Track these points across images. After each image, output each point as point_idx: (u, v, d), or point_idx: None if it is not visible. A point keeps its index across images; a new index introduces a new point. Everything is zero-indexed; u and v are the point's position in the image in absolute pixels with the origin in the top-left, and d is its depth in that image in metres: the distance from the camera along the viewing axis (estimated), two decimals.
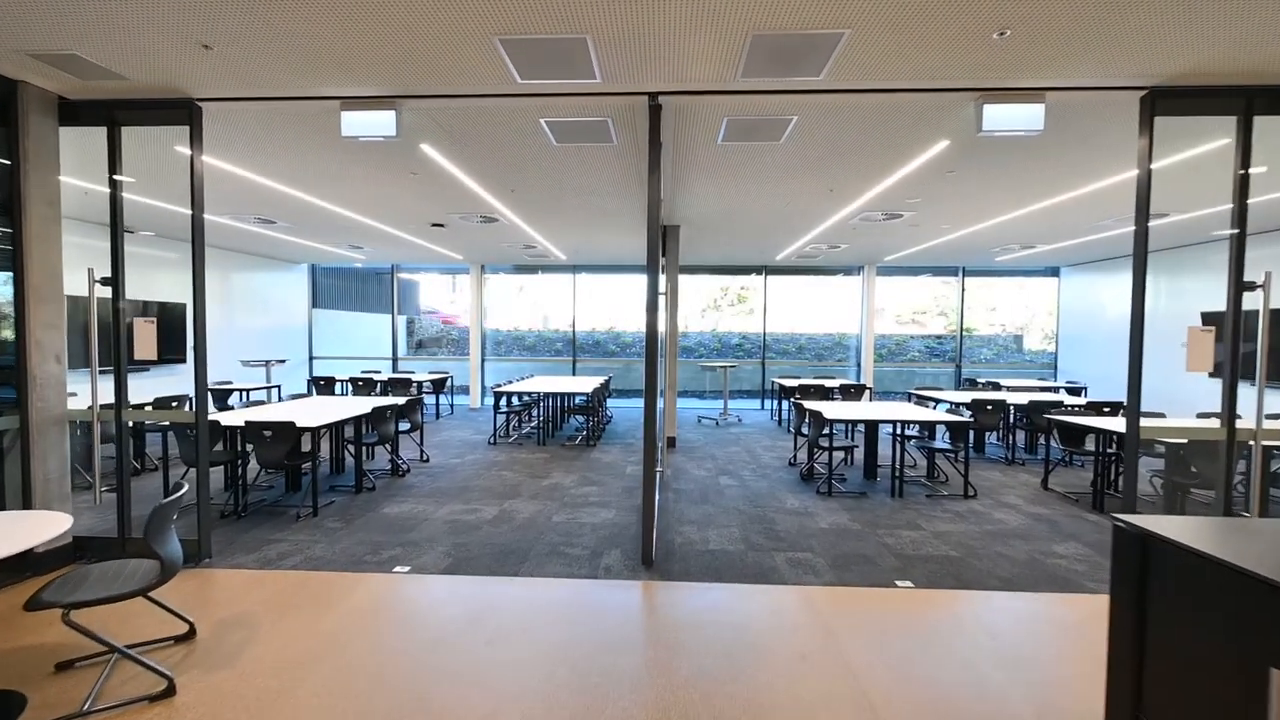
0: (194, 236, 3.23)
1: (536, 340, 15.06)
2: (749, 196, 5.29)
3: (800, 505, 4.55)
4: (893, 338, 14.41)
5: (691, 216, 6.23)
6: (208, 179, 4.73)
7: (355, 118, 3.22)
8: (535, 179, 4.75)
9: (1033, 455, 6.49)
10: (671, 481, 5.25)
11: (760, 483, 5.23)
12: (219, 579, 3.13)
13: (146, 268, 7.51)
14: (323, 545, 3.62)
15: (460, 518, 4.17)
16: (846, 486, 5.07)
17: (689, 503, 4.60)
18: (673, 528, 4.01)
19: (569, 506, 4.46)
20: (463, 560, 3.41)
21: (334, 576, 3.17)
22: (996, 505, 4.58)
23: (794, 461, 6.03)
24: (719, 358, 14.04)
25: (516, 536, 3.80)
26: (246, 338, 9.25)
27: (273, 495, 4.67)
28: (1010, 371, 11.54)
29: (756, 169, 4.45)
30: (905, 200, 5.32)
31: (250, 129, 3.68)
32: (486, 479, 5.25)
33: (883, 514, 4.34)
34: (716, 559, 3.46)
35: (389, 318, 11.17)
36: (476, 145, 3.93)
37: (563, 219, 6.33)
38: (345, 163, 4.34)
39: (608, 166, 4.39)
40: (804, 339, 14.58)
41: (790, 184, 4.84)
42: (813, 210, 5.80)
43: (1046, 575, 3.28)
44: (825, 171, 4.47)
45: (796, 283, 18.00)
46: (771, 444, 7.11)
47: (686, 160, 4.27)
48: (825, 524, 4.10)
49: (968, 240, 7.32)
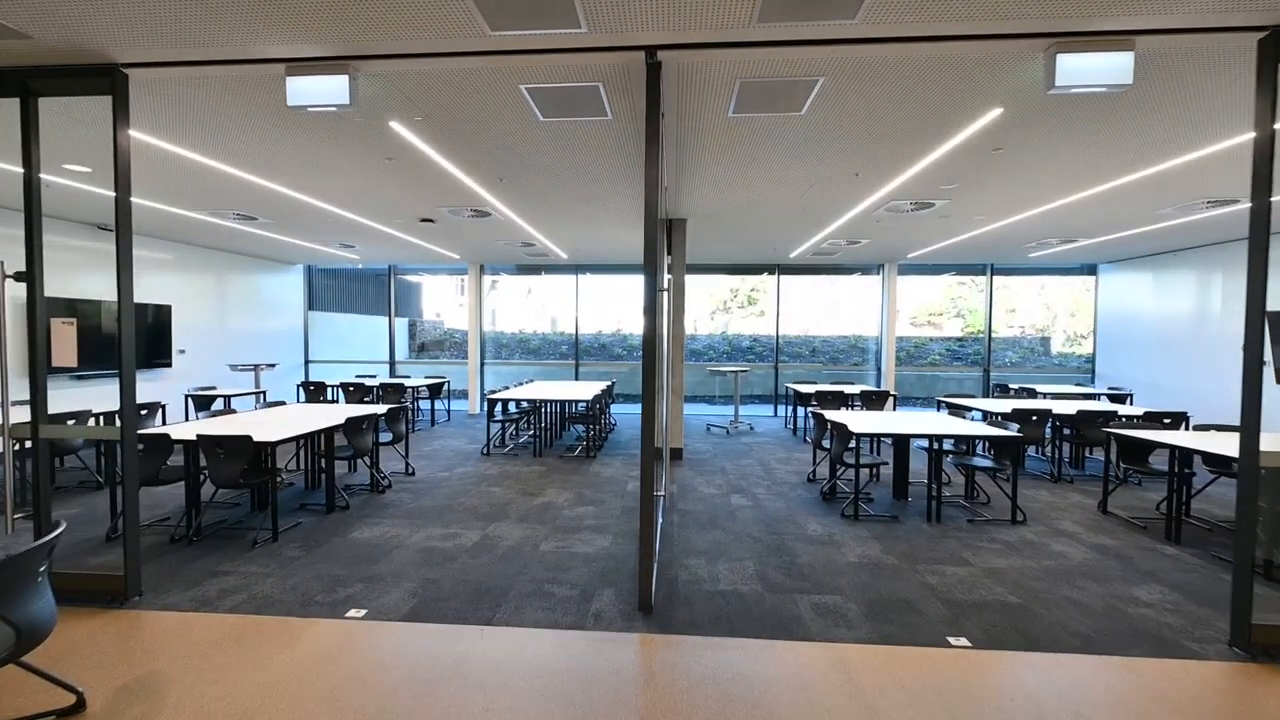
0: (117, 223, 2.78)
1: (541, 343, 14.62)
2: (764, 183, 4.76)
3: (823, 531, 3.99)
4: (911, 340, 13.78)
5: (699, 209, 5.71)
6: (171, 169, 4.31)
7: (302, 84, 2.75)
8: (524, 165, 4.26)
9: (1080, 471, 5.86)
10: (677, 501, 4.72)
11: (776, 503, 4.68)
12: (141, 624, 2.66)
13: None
14: (273, 580, 3.14)
15: (436, 545, 3.67)
16: (875, 509, 4.50)
17: (696, 527, 4.07)
18: (677, 560, 3.47)
19: (560, 532, 3.94)
20: (430, 601, 2.91)
21: (275, 622, 2.69)
22: (1052, 533, 3.99)
23: (813, 478, 5.47)
24: (729, 361, 13.48)
25: (496, 570, 3.30)
26: (239, 340, 8.88)
27: (237, 515, 4.22)
28: (1042, 377, 10.85)
29: (774, 148, 3.92)
30: (939, 186, 4.75)
31: (195, 105, 3.22)
32: (473, 496, 4.76)
33: (920, 543, 3.77)
34: (728, 603, 2.92)
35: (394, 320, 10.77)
36: (451, 122, 3.45)
37: (559, 213, 5.83)
38: (311, 146, 3.87)
39: (604, 148, 3.89)
40: (818, 341, 13.98)
41: (811, 167, 4.30)
42: (835, 199, 5.25)
43: (1132, 630, 2.70)
44: (852, 150, 3.92)
45: (811, 283, 17.40)
46: (787, 456, 6.54)
47: (693, 139, 3.75)
48: (854, 556, 3.54)
49: (1003, 234, 6.71)
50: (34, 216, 2.81)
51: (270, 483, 3.77)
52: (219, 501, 4.43)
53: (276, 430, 3.96)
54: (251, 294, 9.20)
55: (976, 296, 17.54)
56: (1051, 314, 16.50)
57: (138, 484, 2.88)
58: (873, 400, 7.06)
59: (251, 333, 9.19)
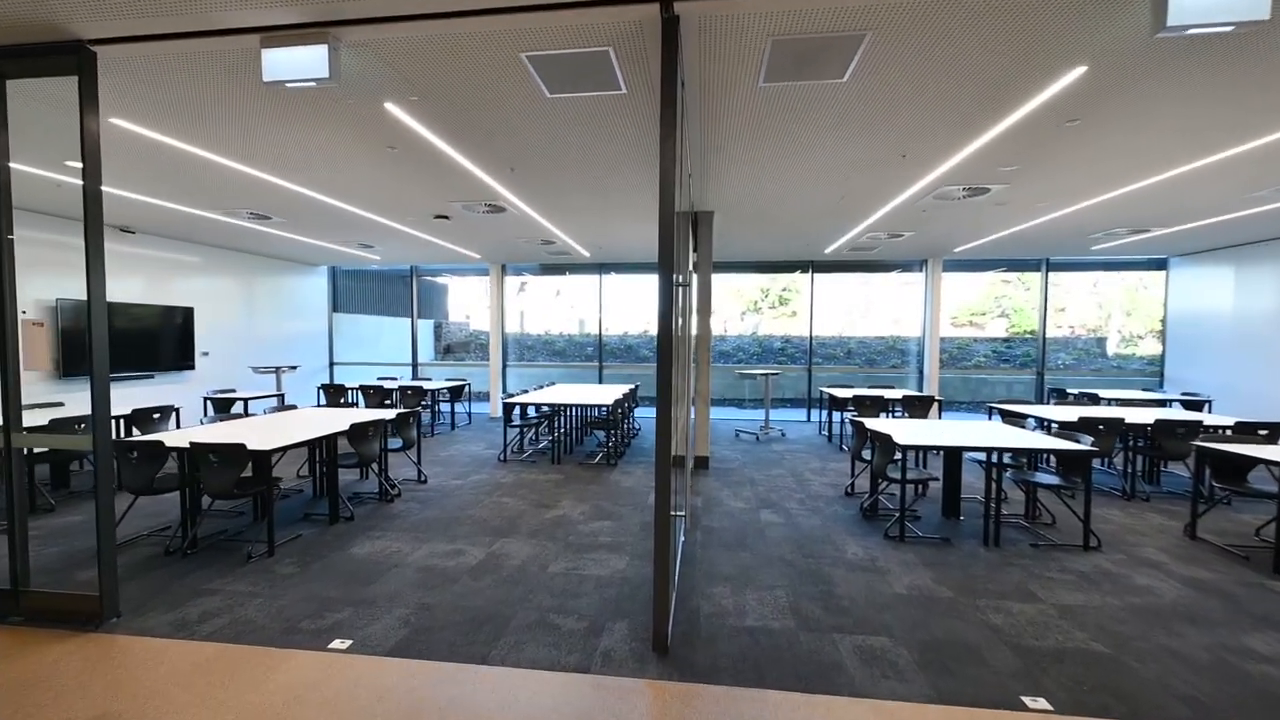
0: (86, 215, 2.57)
1: (566, 345, 14.39)
2: (799, 169, 4.34)
3: (865, 555, 3.55)
4: (954, 341, 13.04)
5: (726, 200, 5.31)
6: (178, 166, 4.16)
7: (278, 57, 2.49)
8: (535, 152, 3.95)
9: (1155, 487, 5.23)
10: (701, 516, 4.33)
11: (811, 520, 4.24)
12: (111, 652, 2.44)
13: (156, 270, 7.15)
14: (260, 601, 2.90)
15: (438, 563, 3.39)
16: (923, 528, 4.02)
17: (722, 548, 3.68)
18: (699, 588, 3.10)
19: (573, 550, 3.61)
20: (421, 632, 2.61)
21: (251, 654, 2.43)
22: (1133, 563, 3.45)
23: (851, 491, 5.00)
24: (759, 363, 12.99)
25: (499, 595, 2.98)
26: (263, 343, 8.88)
27: (239, 524, 4.03)
28: (1101, 381, 10.02)
29: (811, 125, 3.51)
30: (998, 169, 4.24)
31: (191, 96, 3.01)
32: (484, 508, 4.48)
33: (978, 572, 3.30)
34: (756, 643, 2.54)
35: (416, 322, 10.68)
36: (450, 102, 3.16)
37: (576, 207, 5.52)
38: (312, 138, 3.65)
39: (620, 130, 3.55)
40: (854, 343, 13.37)
41: (853, 147, 3.87)
42: (878, 186, 4.78)
43: (1255, 694, 2.20)
44: (900, 126, 3.48)
45: (846, 280, 16.75)
46: (821, 466, 6.07)
47: (718, 117, 3.37)
48: (902, 587, 3.10)
49: (1066, 224, 6.09)
50: (2, 210, 2.63)
51: (266, 493, 3.55)
52: (221, 510, 4.26)
53: (275, 438, 3.75)
54: (276, 296, 9.20)
55: (1022, 294, 16.60)
56: (1105, 313, 15.46)
57: (112, 498, 2.67)
58: (916, 406, 6.52)
59: (276, 335, 9.19)
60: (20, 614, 2.69)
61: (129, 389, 6.72)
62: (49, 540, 3.68)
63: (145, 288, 7.02)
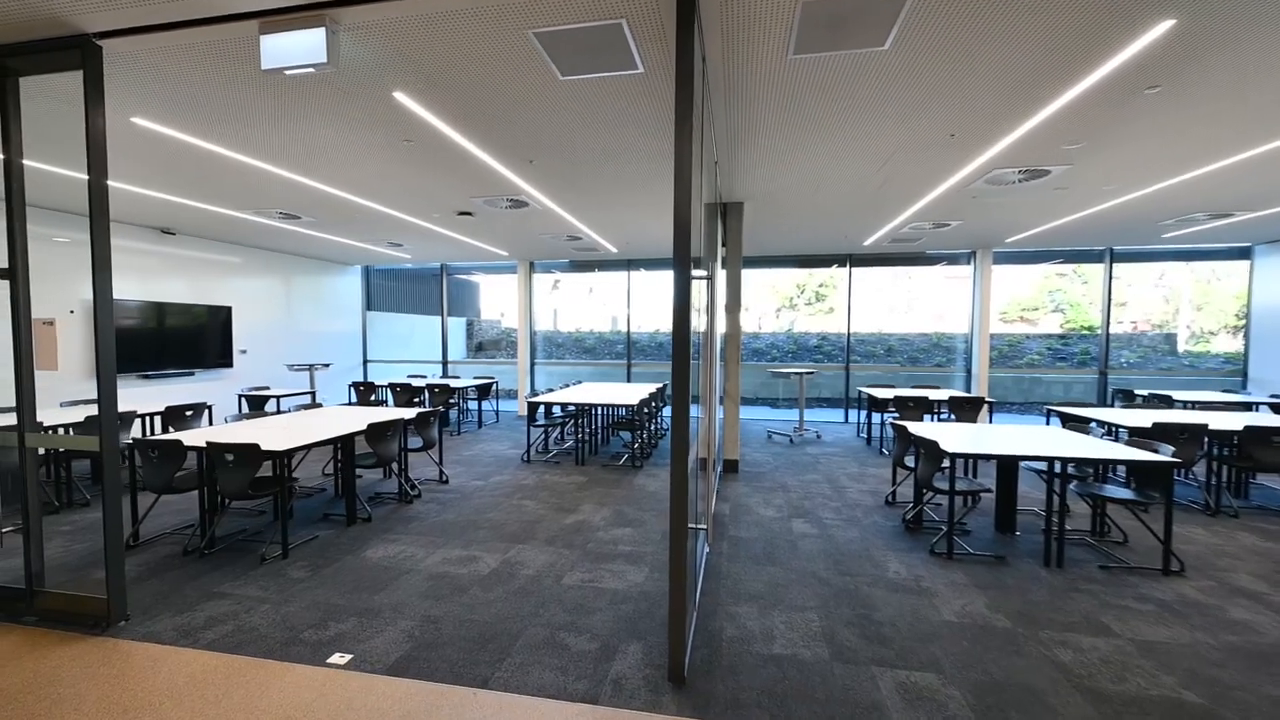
0: (91, 209, 2.52)
1: (596, 342, 14.28)
2: (835, 153, 4.02)
3: (908, 573, 3.24)
4: (1004, 338, 12.31)
5: (757, 189, 5.02)
6: (203, 166, 4.16)
7: (277, 42, 2.37)
8: (552, 142, 3.77)
9: (1244, 501, 4.67)
10: (728, 525, 4.08)
11: (848, 532, 3.94)
12: (110, 660, 2.38)
13: (197, 270, 7.35)
14: (267, 608, 2.81)
15: (449, 570, 3.26)
16: (973, 544, 3.67)
17: (749, 561, 3.43)
18: (723, 607, 2.86)
19: (590, 560, 3.43)
20: (424, 648, 2.47)
21: (248, 666, 2.33)
22: (1225, 591, 3.03)
23: (892, 500, 4.65)
24: (794, 361, 12.57)
25: (508, 609, 2.82)
26: (299, 341, 9.06)
27: (260, 523, 4.01)
28: (1172, 381, 9.21)
29: (848, 102, 3.20)
30: (1060, 147, 3.82)
31: (195, 88, 2.95)
32: (502, 511, 4.34)
33: (1039, 597, 2.94)
34: (784, 674, 2.28)
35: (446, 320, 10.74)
36: (460, 89, 3.00)
37: (599, 199, 5.33)
38: (327, 132, 3.57)
39: (639, 114, 3.32)
40: (894, 340, 12.79)
41: (895, 126, 3.54)
42: (923, 170, 4.41)
43: None
44: (949, 100, 3.14)
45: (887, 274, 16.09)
46: (859, 471, 5.71)
47: (745, 97, 3.11)
48: (951, 613, 2.78)
49: (1136, 209, 5.54)
50: (16, 207, 2.61)
51: (280, 494, 3.50)
52: (244, 509, 4.26)
53: (292, 437, 3.69)
54: (312, 295, 9.38)
55: (1079, 287, 15.56)
56: (1172, 307, 14.37)
57: (118, 501, 2.63)
58: (964, 408, 6.07)
59: (312, 333, 9.36)
60: (34, 614, 2.68)
61: (170, 386, 6.92)
62: (78, 536, 3.73)
63: (187, 288, 7.22)
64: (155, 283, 6.86)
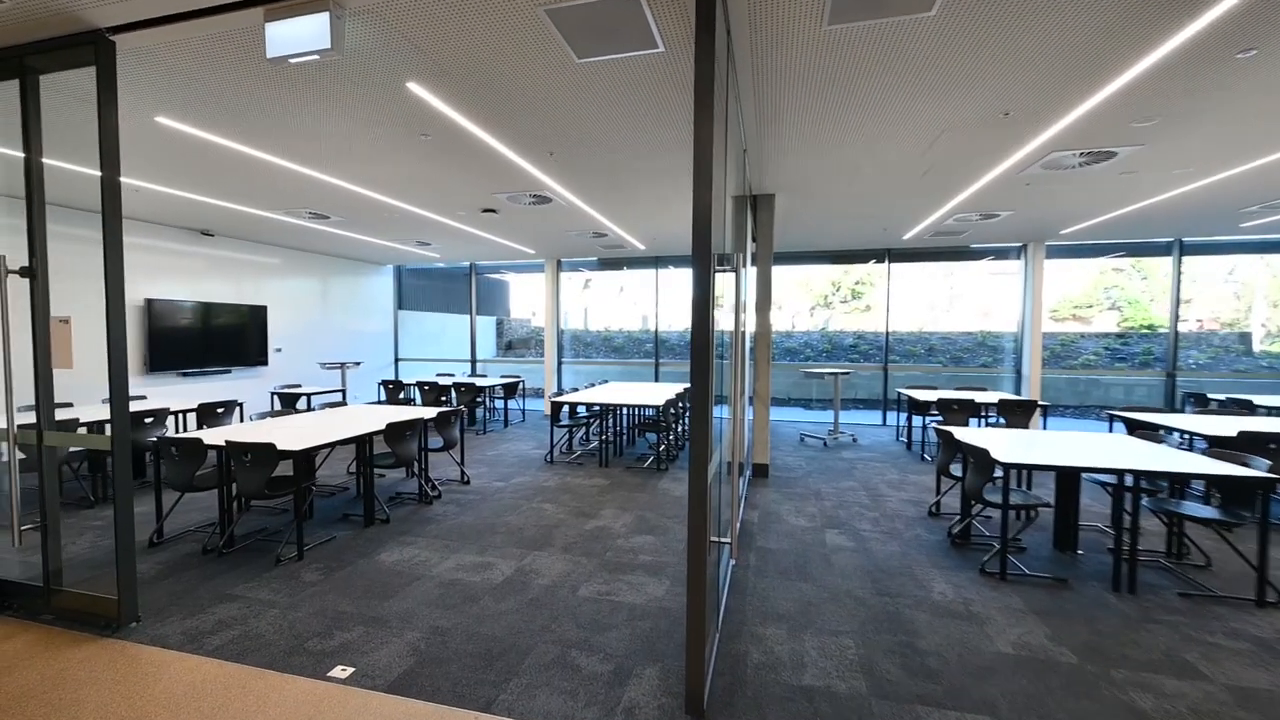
0: (104, 208, 2.49)
1: (625, 341, 14.14)
2: (874, 136, 3.74)
3: (956, 595, 2.95)
4: (1056, 337, 11.62)
5: (789, 179, 4.76)
6: (230, 166, 4.18)
7: (281, 30, 2.29)
8: (572, 132, 3.61)
9: None
10: (756, 535, 3.85)
11: (887, 545, 3.65)
12: (113, 665, 2.34)
13: (235, 270, 7.53)
14: (276, 613, 2.75)
15: (462, 578, 3.14)
16: (1030, 563, 3.33)
17: (779, 576, 3.19)
18: (749, 627, 2.64)
19: (608, 570, 3.26)
20: (429, 663, 2.34)
21: (249, 676, 2.25)
22: None
23: (935, 511, 4.32)
24: (829, 361, 12.15)
25: (519, 622, 2.67)
26: (333, 339, 9.21)
27: (280, 522, 3.99)
28: (1250, 384, 8.46)
29: (888, 80, 2.94)
30: (1129, 125, 3.44)
31: (214, 86, 2.92)
32: (521, 514, 4.22)
33: (1109, 628, 2.62)
34: (816, 710, 2.06)
35: (479, 319, 10.78)
36: (474, 77, 2.87)
37: (622, 192, 5.15)
38: (345, 127, 3.50)
39: (661, 98, 3.13)
40: (936, 339, 12.23)
41: (941, 104, 3.24)
42: (971, 154, 4.07)
43: None
44: (1003, 73, 2.84)
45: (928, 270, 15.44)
46: (899, 478, 5.37)
47: (775, 76, 2.88)
48: (1007, 643, 2.49)
49: (1211, 194, 5.02)
50: (36, 206, 2.61)
51: (297, 494, 3.45)
52: (266, 507, 4.26)
53: (311, 437, 3.65)
54: (345, 294, 9.53)
55: (1138, 283, 14.56)
56: (1244, 304, 13.37)
57: (129, 503, 2.60)
58: (1014, 411, 5.65)
59: (345, 332, 9.52)
60: (51, 612, 2.68)
61: (208, 383, 7.10)
62: (108, 532, 3.78)
63: (225, 288, 7.39)
64: (196, 283, 7.04)
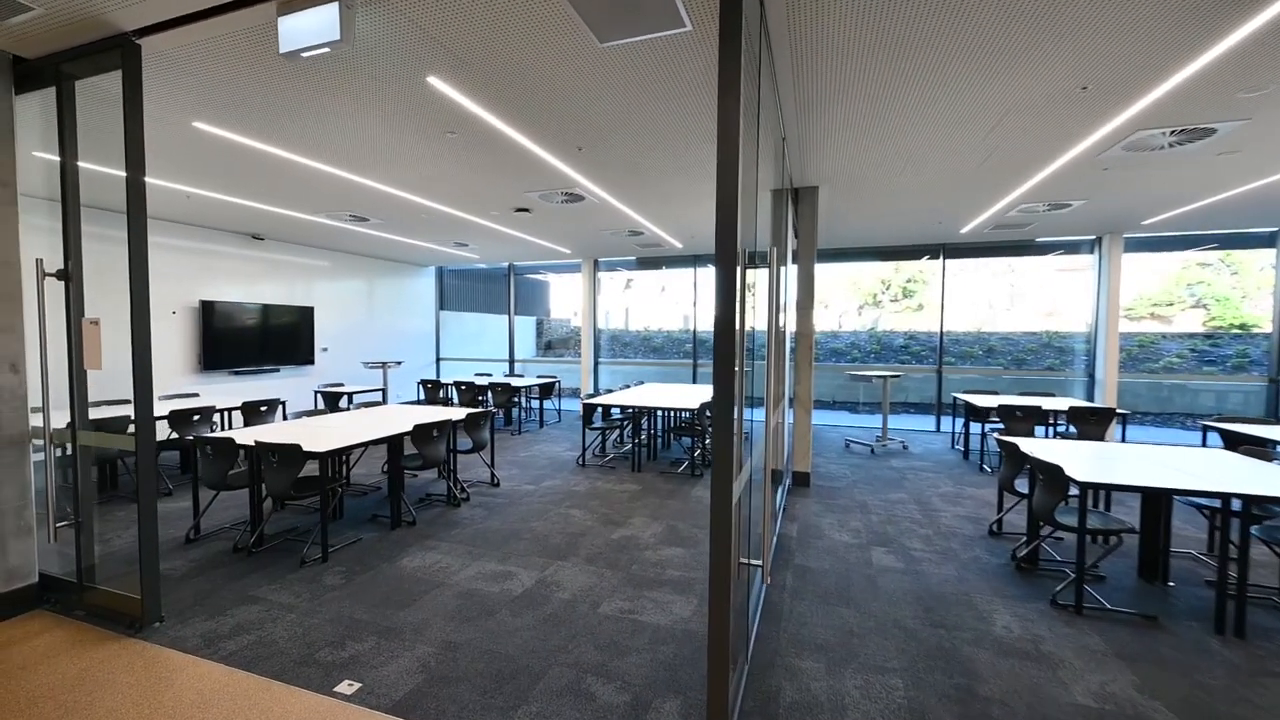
0: (129, 209, 2.49)
1: (664, 341, 13.94)
2: (927, 120, 3.41)
3: (1022, 631, 2.61)
4: (1135, 338, 10.67)
5: (832, 170, 4.44)
6: (270, 171, 4.25)
7: (293, 24, 2.22)
8: (599, 124, 3.45)
9: None
10: (794, 551, 3.58)
11: (942, 568, 3.31)
12: (135, 666, 2.33)
13: (284, 273, 7.79)
14: (293, 618, 2.70)
15: (481, 588, 3.02)
16: (1111, 595, 2.94)
17: (817, 599, 2.93)
18: (782, 658, 2.40)
19: (633, 585, 3.07)
20: (437, 681, 2.22)
21: (256, 687, 2.18)
22: None
23: (997, 530, 3.92)
24: (878, 362, 11.57)
25: (535, 640, 2.52)
26: (377, 339, 9.44)
27: (310, 521, 4.01)
28: None
29: (945, 52, 2.63)
30: (1236, 95, 2.99)
31: (246, 90, 2.92)
32: (548, 520, 4.09)
33: (1213, 678, 2.23)
34: None
35: (518, 319, 10.84)
36: (494, 68, 2.74)
37: (655, 188, 4.95)
38: (370, 128, 3.47)
39: (691, 83, 2.92)
40: (996, 339, 11.47)
41: (1007, 79, 2.90)
42: (1040, 136, 3.67)
43: None
44: (1081, 39, 2.48)
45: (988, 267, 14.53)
46: (955, 490, 4.95)
47: (815, 52, 2.63)
48: (1086, 693, 2.16)
49: None
50: (71, 211, 2.65)
51: (322, 496, 3.43)
52: (299, 507, 4.30)
53: (338, 438, 3.64)
54: (388, 295, 9.75)
55: (1227, 279, 13.21)
56: None
57: (154, 504, 2.61)
58: (1088, 420, 5.12)
59: (389, 332, 9.73)
60: (83, 608, 2.73)
61: (258, 382, 7.36)
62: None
63: (275, 290, 7.66)
64: (248, 286, 7.32)
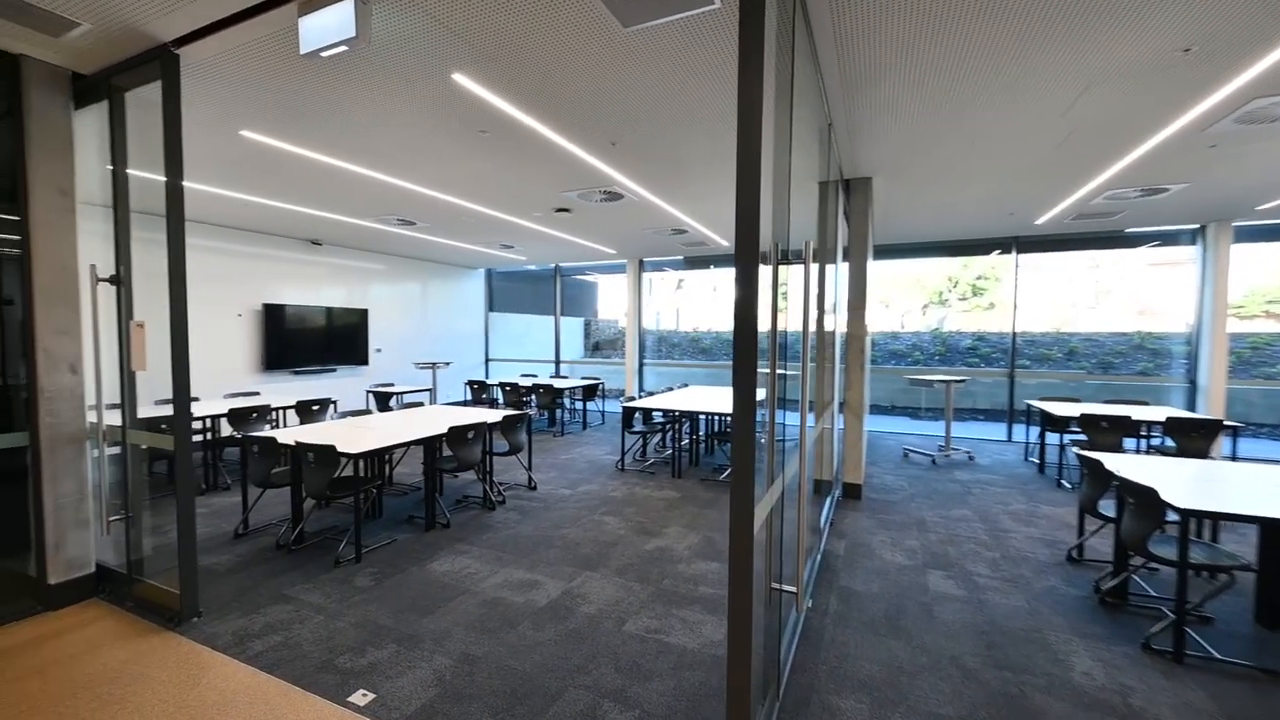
0: (168, 214, 2.57)
1: (713, 342, 13.67)
2: (995, 94, 3.05)
3: (1107, 679, 2.25)
4: (1246, 338, 9.51)
5: (886, 159, 4.11)
6: (322, 178, 4.38)
7: (312, 23, 2.21)
8: (630, 116, 3.31)
9: None
10: (840, 571, 3.30)
11: (1011, 598, 2.95)
12: (168, 663, 2.38)
13: (341, 276, 8.14)
14: (320, 620, 2.71)
15: (506, 597, 2.95)
16: (1218, 643, 2.51)
17: (864, 627, 2.66)
18: (820, 694, 2.17)
19: (662, 601, 2.91)
20: (451, 698, 2.14)
21: (275, 691, 2.18)
22: None
23: (1077, 556, 3.49)
24: (941, 365, 10.85)
25: (555, 656, 2.41)
26: (428, 340, 9.71)
27: (349, 520, 4.08)
28: None
29: (1015, 18, 2.31)
30: None
31: (274, 90, 2.97)
32: (581, 526, 3.99)
33: None
34: None
35: (566, 320, 10.91)
36: (518, 62, 2.65)
37: (696, 186, 4.76)
38: (402, 128, 3.48)
39: (722, 70, 2.72)
40: (1077, 340, 10.51)
41: (1091, 45, 2.53)
42: (1132, 110, 3.22)
43: None
44: None
45: (1068, 261, 13.43)
46: (1027, 509, 4.48)
47: (862, 26, 2.37)
48: None
49: None
50: (121, 218, 2.77)
51: (356, 497, 3.47)
52: (343, 505, 4.39)
53: (375, 439, 3.68)
54: (439, 297, 10.01)
55: None
56: None
57: (192, 501, 2.68)
58: (1189, 433, 4.51)
59: (440, 333, 10.00)
60: (132, 599, 2.84)
61: (315, 381, 7.70)
62: (204, 520, 4.08)
63: (333, 293, 8.01)
64: (308, 289, 7.67)
